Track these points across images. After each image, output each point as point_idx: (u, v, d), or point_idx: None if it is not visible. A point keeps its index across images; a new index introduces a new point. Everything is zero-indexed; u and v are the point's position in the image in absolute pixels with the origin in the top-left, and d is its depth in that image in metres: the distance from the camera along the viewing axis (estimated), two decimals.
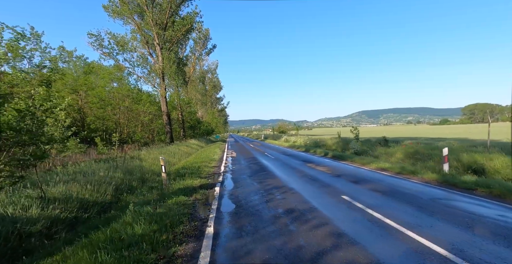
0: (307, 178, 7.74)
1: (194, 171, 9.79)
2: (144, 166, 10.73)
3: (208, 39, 40.14)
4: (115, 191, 7.17)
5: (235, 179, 8.26)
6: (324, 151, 16.58)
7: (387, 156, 12.73)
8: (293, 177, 8.12)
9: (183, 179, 7.96)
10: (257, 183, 7.34)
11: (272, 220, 4.21)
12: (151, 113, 30.95)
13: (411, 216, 4.22)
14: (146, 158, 12.46)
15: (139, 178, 9.12)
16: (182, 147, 21.25)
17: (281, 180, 7.61)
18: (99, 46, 22.62)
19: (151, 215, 4.30)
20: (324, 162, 11.88)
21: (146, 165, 11.05)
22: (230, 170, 10.20)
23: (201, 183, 7.63)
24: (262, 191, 6.30)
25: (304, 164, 11.24)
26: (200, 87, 56.16)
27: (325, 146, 21.55)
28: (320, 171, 9.02)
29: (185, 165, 12.07)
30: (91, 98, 20.05)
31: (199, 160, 13.43)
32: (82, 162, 10.12)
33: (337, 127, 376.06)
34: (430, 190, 5.91)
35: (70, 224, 4.98)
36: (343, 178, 7.53)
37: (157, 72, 25.17)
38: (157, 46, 24.62)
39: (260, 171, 9.54)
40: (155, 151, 15.81)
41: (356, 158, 12.14)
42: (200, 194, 6.20)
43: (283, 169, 9.83)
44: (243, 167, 11.04)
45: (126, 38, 24.02)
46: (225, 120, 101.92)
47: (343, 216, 4.27)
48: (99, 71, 26.63)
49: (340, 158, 13.29)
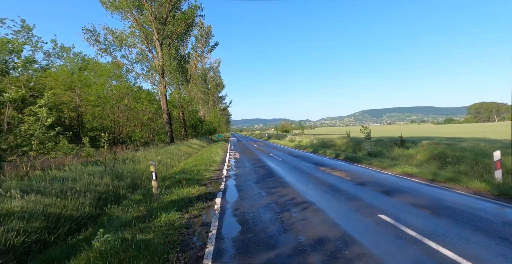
0: (326, 187, 6.51)
1: (193, 175, 8.61)
2: (138, 170, 9.58)
3: (210, 36, 38.89)
4: (98, 201, 6.01)
5: (239, 186, 7.07)
6: (335, 152, 15.32)
7: (407, 159, 11.45)
8: (309, 185, 6.90)
9: (178, 186, 6.78)
10: (266, 193, 6.14)
11: (294, 257, 3.00)
12: (151, 112, 29.87)
13: (504, 257, 2.88)
14: (141, 160, 11.31)
15: (130, 184, 7.96)
16: (183, 147, 20.12)
17: (294, 190, 6.39)
18: (95, 41, 21.53)
19: (127, 247, 3.12)
20: (338, 165, 10.64)
21: (140, 168, 9.89)
22: (233, 175, 9.01)
23: (199, 192, 6.44)
24: (274, 205, 5.09)
25: (316, 167, 10.00)
26: (202, 85, 55.00)
27: (334, 146, 20.28)
28: (338, 177, 7.78)
29: (184, 168, 10.91)
30: (87, 96, 19.01)
31: (200, 162, 12.27)
32: (67, 165, 8.97)
33: (340, 126, 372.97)
34: (491, 206, 4.61)
35: (24, 252, 3.81)
36: (369, 188, 6.29)
37: (157, 69, 24.04)
38: (156, 42, 23.46)
39: (267, 176, 8.33)
40: (152, 152, 14.68)
41: (373, 160, 10.88)
42: (196, 209, 5.00)
43: (294, 174, 8.61)
44: (248, 170, 9.84)
45: (125, 34, 22.93)
46: (228, 119, 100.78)
47: (395, 254, 3.01)
48: (97, 68, 25.61)
49: (354, 160, 12.04)
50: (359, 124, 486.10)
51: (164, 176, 9.08)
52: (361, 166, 10.10)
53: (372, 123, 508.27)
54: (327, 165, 10.66)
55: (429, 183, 6.67)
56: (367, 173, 8.39)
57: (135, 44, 23.84)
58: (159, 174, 9.81)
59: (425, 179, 7.05)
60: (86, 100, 18.78)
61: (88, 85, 18.54)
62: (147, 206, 5.07)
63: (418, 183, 6.71)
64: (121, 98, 26.67)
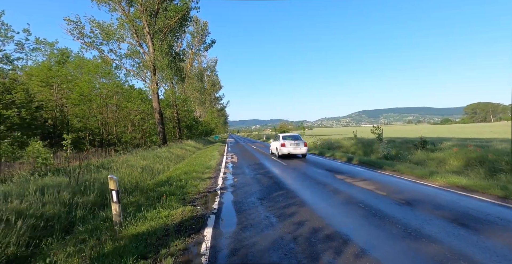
0: (360, 208, 4.69)
1: (179, 187, 6.77)
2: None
3: (206, 33, 37.02)
4: (42, 230, 4.16)
5: (238, 205, 5.24)
6: (346, 155, 13.54)
7: (436, 163, 9.72)
8: (333, 203, 5.09)
9: (155, 207, 4.93)
10: (277, 219, 4.32)
11: None
12: (143, 112, 27.95)
13: None
14: (121, 167, 9.43)
15: (97, 200, 6.09)
16: (175, 150, 18.23)
17: (316, 212, 4.57)
18: (80, 34, 19.60)
19: None
20: (357, 172, 8.84)
21: (117, 177, 7.98)
22: (230, 186, 7.17)
23: (183, 215, 4.60)
24: (293, 245, 3.28)
25: (332, 175, 8.20)
26: (198, 84, 53.04)
27: (341, 148, 18.54)
28: (368, 191, 5.98)
29: (171, 175, 9.05)
30: (69, 93, 17.11)
31: (191, 168, 10.43)
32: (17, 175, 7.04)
33: (338, 127, 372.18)
34: None
35: None
36: (424, 211, 4.40)
37: (148, 65, 22.13)
38: (147, 36, 21.55)
39: (274, 189, 6.50)
40: (137, 155, 12.80)
41: (398, 166, 9.10)
42: (172, 255, 3.16)
43: (307, 185, 6.79)
44: (249, 179, 8.00)
45: (113, 27, 21.00)
46: (225, 120, 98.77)
47: None
48: (83, 64, 23.66)
49: (373, 165, 10.27)
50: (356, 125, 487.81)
51: (144, 188, 7.22)
52: (387, 174, 8.30)
53: (369, 124, 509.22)
54: (344, 172, 8.85)
55: (505, 203, 4.87)
56: (402, 185, 6.59)
57: (123, 38, 21.90)
58: (141, 184, 7.95)
59: (493, 196, 5.24)
60: (66, 98, 16.85)
61: (69, 81, 16.57)
62: (96, 250, 3.22)
63: (489, 203, 4.89)
64: (110, 97, 24.74)
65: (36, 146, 8.52)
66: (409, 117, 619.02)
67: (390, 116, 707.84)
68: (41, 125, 18.34)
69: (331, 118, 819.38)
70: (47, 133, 18.65)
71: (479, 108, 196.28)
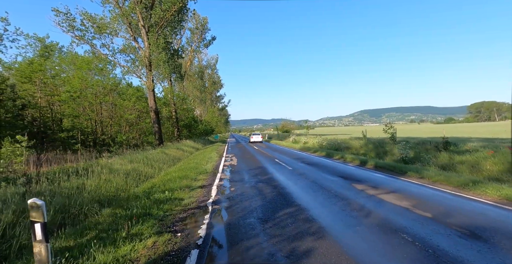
0: (408, 246, 3.19)
1: (160, 202, 5.38)
2: (86, 190, 6.39)
3: (206, 29, 35.66)
4: None
5: (233, 232, 3.82)
6: (358, 158, 12.08)
7: (467, 168, 8.28)
8: (365, 235, 3.61)
9: (120, 236, 3.56)
10: (287, 261, 2.93)
11: None
12: (139, 110, 26.62)
13: None
14: (101, 172, 8.10)
15: (55, 220, 4.73)
16: (171, 151, 16.90)
17: (344, 251, 3.13)
18: (70, 27, 18.29)
19: None
20: (378, 180, 7.40)
21: (90, 187, 6.67)
22: (225, 199, 5.78)
23: (150, 254, 3.21)
24: None
25: (349, 184, 6.78)
26: (198, 83, 51.65)
27: (350, 149, 17.10)
28: (405, 211, 4.52)
29: (157, 183, 7.69)
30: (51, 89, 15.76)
31: (182, 173, 9.06)
32: None
33: (339, 126, 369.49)
34: None
35: None
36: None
37: (143, 61, 20.77)
38: (142, 29, 20.19)
39: (280, 205, 5.09)
40: (125, 158, 11.50)
41: (426, 172, 7.66)
42: None
43: (323, 201, 5.37)
44: (249, 190, 6.60)
45: (106, 20, 19.67)
46: (227, 120, 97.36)
47: None
48: (75, 60, 22.35)
49: (391, 170, 8.83)
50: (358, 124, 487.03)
51: (123, 200, 5.85)
52: (416, 183, 6.84)
53: (371, 123, 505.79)
54: (362, 179, 7.41)
55: None
56: (445, 201, 5.10)
57: (117, 32, 20.55)
58: (121, 194, 6.60)
59: None
60: (50, 95, 15.51)
61: (53, 76, 15.23)
62: None
63: None
64: (104, 95, 23.45)
65: (9, 147, 7.17)
66: (412, 116, 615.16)
67: (392, 115, 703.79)
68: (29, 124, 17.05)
69: (333, 117, 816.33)
70: (33, 133, 17.34)
71: (484, 107, 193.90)
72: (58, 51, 22.23)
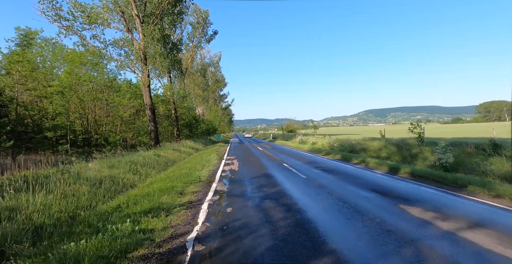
0: None
1: (117, 238, 3.47)
2: (24, 212, 4.55)
3: (208, 24, 33.82)
4: None
5: None
6: (384, 163, 10.01)
7: None
8: None
9: None
10: None
11: None
12: (134, 107, 24.89)
13: None
14: (63, 181, 6.23)
15: None
16: (166, 152, 15.04)
17: None
18: (56, 16, 16.53)
19: None
20: (433, 198, 5.35)
21: (35, 207, 4.80)
22: (216, 232, 3.79)
23: None
24: None
25: (393, 205, 4.78)
26: (200, 81, 49.80)
27: (367, 151, 15.05)
28: None
29: (127, 200, 5.74)
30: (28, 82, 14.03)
31: (168, 184, 7.13)
32: None
33: (344, 126, 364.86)
34: None
35: None
36: None
37: (138, 54, 18.94)
38: (136, 19, 18.35)
39: (302, 249, 3.14)
40: (106, 160, 9.69)
41: (501, 188, 5.60)
42: None
43: (367, 240, 3.41)
44: (251, 212, 4.63)
45: (97, 9, 17.89)
46: (230, 119, 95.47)
47: None
48: (64, 54, 20.69)
49: (439, 181, 6.78)
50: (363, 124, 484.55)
51: (72, 224, 3.96)
52: (496, 205, 4.77)
53: (376, 123, 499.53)
54: (411, 198, 5.35)
55: None
56: None
57: (109, 23, 18.74)
58: (81, 215, 4.77)
59: None
60: (31, 89, 13.79)
61: (33, 69, 13.48)
62: None
63: None
64: (97, 91, 21.77)
65: None
66: (418, 116, 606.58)
67: (398, 115, 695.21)
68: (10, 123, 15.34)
69: (337, 117, 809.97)
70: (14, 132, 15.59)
71: (493, 106, 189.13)
72: (45, 43, 20.49)
